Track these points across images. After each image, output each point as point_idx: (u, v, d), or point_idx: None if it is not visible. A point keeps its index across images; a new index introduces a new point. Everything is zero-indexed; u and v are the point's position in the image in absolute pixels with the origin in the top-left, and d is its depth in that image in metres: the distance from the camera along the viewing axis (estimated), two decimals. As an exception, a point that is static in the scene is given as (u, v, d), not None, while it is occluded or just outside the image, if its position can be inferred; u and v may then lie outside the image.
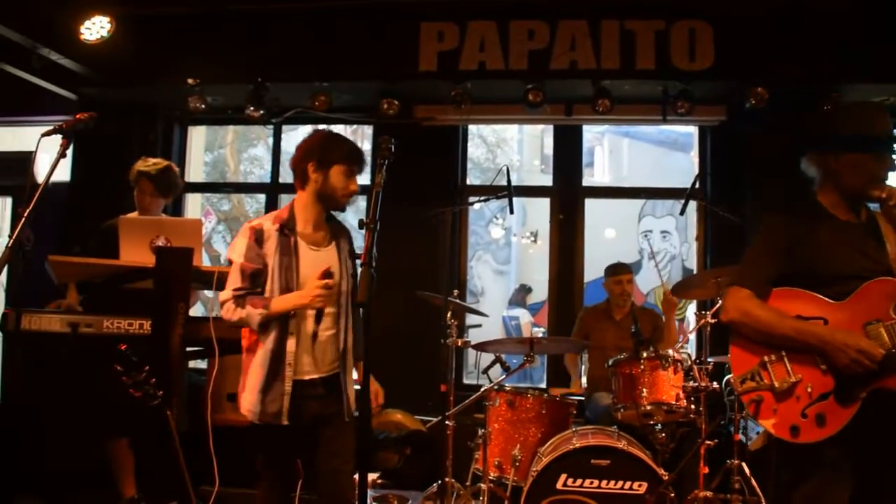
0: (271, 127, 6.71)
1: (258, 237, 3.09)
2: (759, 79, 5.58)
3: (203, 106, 6.04)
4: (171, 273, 3.48)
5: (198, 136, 7.10)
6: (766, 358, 2.65)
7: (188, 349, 3.66)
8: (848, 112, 2.90)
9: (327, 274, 3.05)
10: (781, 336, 2.64)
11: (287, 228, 3.14)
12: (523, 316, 10.61)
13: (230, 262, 3.16)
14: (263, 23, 5.93)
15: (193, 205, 7.20)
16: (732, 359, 2.77)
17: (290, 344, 3.07)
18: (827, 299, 2.60)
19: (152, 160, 4.49)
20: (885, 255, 2.60)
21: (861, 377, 2.49)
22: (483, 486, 4.28)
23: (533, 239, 10.82)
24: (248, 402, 3.08)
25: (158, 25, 5.95)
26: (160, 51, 5.97)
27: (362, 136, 11.52)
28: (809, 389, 2.57)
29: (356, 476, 2.71)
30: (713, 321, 4.49)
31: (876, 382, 2.48)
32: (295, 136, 12.08)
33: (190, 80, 5.89)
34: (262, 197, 7.50)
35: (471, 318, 5.90)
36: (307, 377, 3.12)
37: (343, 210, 3.33)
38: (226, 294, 3.09)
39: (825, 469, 2.56)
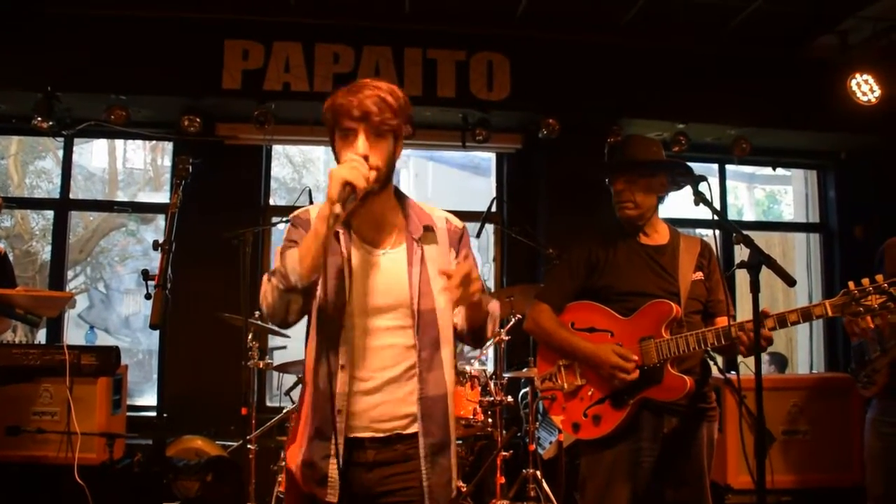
0: (62, 139, 6.29)
1: None
2: (552, 111, 5.95)
3: (-19, 113, 5.59)
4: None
5: (-25, 145, 6.55)
6: (561, 362, 2.96)
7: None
8: (611, 145, 3.20)
9: None
10: (556, 347, 2.95)
11: None
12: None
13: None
14: (57, 28, 5.52)
15: (-31, 221, 6.61)
16: (538, 361, 3.07)
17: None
18: (616, 314, 2.87)
19: None
20: (675, 277, 2.88)
21: (628, 387, 2.77)
22: (286, 508, 4.24)
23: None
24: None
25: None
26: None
27: (162, 153, 11.10)
28: (591, 393, 2.87)
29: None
30: (507, 338, 4.75)
31: (641, 392, 2.77)
32: (89, 148, 11.46)
33: (-35, 84, 5.42)
34: (49, 213, 7.00)
35: (275, 340, 5.84)
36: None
37: None
38: None
39: (606, 470, 2.82)
